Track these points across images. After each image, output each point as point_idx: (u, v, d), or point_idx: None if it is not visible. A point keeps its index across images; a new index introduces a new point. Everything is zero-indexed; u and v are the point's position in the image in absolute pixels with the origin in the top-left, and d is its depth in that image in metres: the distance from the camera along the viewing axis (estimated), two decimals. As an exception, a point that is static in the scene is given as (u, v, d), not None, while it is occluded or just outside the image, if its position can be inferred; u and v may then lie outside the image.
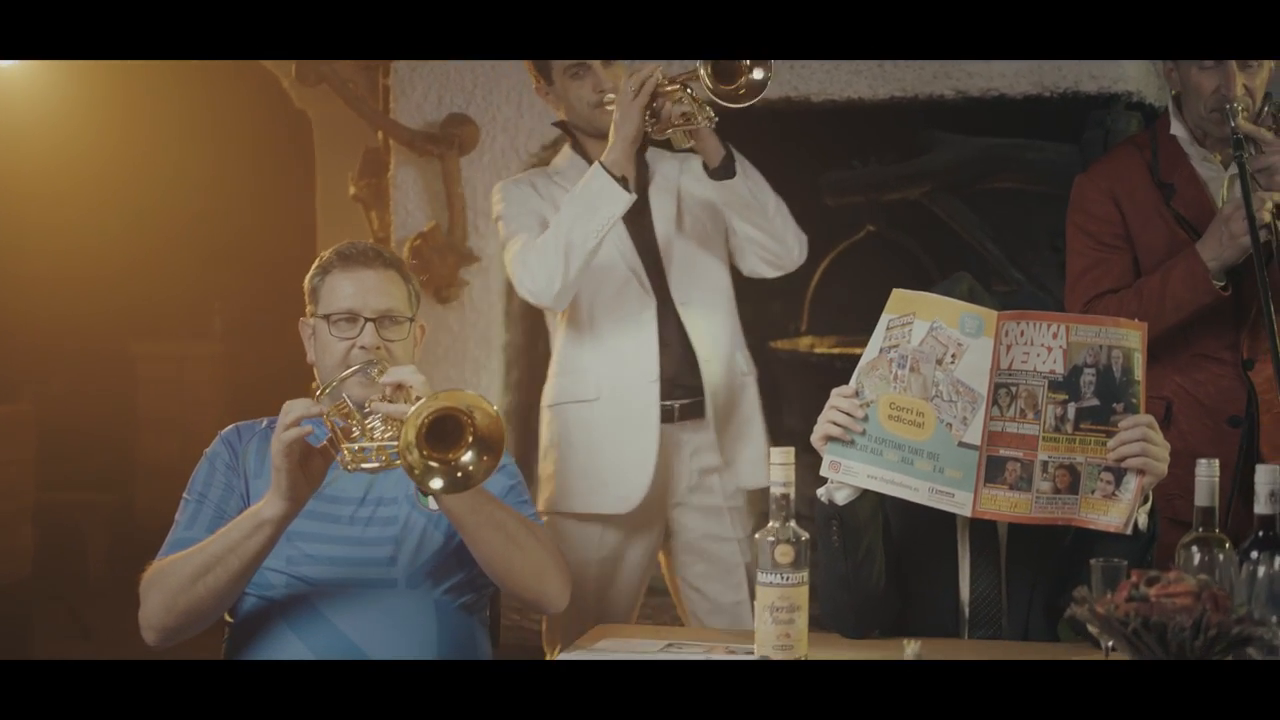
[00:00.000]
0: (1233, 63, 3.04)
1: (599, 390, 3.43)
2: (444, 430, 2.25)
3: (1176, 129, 3.24)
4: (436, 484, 2.26)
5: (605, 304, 3.41)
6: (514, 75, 4.69)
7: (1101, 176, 3.31)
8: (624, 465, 3.40)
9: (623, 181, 3.22)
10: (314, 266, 2.72)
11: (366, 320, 2.60)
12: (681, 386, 3.41)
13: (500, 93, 4.77)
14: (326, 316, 2.63)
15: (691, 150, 3.36)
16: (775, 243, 3.40)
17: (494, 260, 4.78)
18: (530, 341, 5.04)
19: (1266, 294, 2.93)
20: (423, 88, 4.81)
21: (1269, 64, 3.11)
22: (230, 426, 2.74)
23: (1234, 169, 3.01)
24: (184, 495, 2.66)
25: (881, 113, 4.51)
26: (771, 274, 3.52)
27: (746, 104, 3.20)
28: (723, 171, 3.28)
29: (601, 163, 3.23)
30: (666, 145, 3.44)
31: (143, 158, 6.81)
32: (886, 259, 5.07)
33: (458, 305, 4.81)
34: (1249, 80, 3.06)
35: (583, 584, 3.36)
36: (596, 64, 3.34)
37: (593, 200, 3.24)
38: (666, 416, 3.39)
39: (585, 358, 3.45)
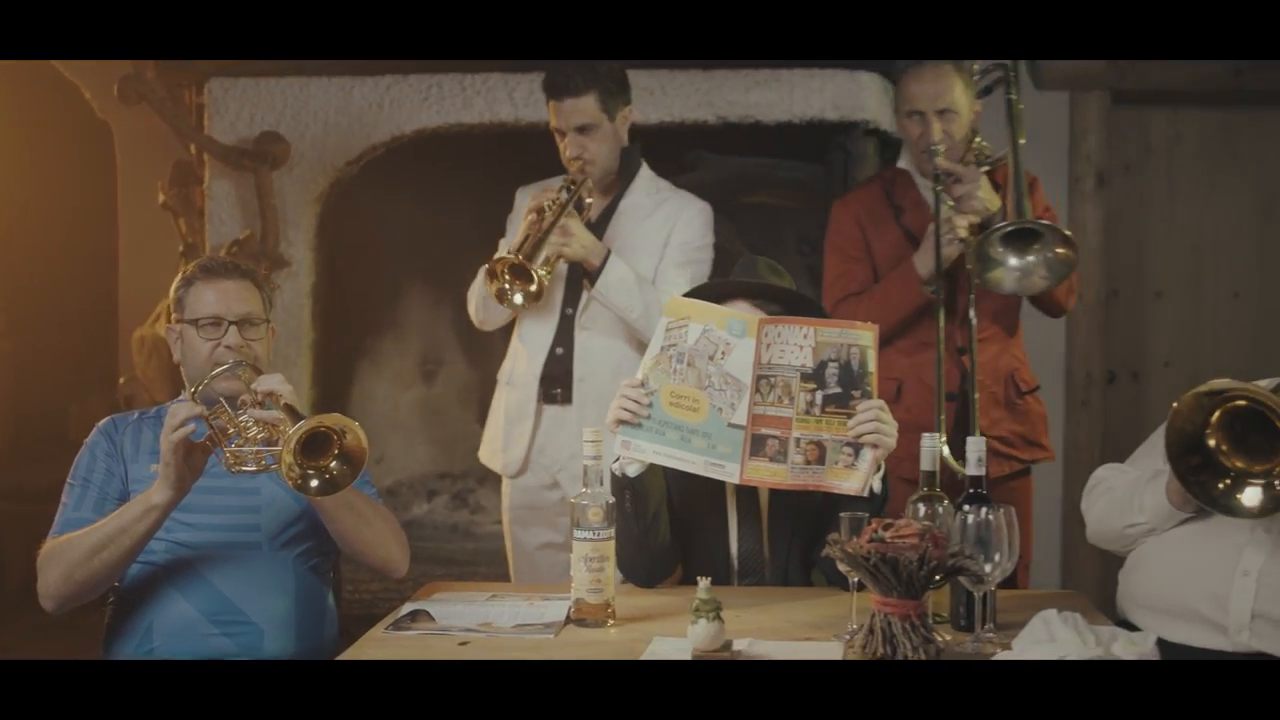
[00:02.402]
0: (931, 114, 3.71)
1: (509, 376, 3.98)
2: (315, 443, 2.64)
3: (904, 162, 3.93)
4: (314, 485, 2.65)
5: (534, 311, 3.87)
6: (321, 96, 4.97)
7: (850, 203, 3.99)
8: (511, 438, 3.94)
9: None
10: (177, 279, 3.03)
11: (230, 323, 2.95)
12: (564, 388, 3.89)
13: (309, 112, 4.98)
14: (194, 321, 2.96)
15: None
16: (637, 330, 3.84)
17: (302, 265, 5.07)
18: (333, 339, 5.32)
19: (940, 290, 3.64)
20: (236, 107, 4.98)
21: (967, 113, 3.77)
22: (106, 419, 3.06)
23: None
24: (69, 481, 2.97)
25: (652, 135, 4.72)
26: None
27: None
28: (589, 279, 3.76)
29: (510, 249, 3.71)
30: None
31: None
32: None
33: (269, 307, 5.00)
34: (947, 126, 3.73)
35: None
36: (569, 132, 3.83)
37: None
38: (551, 400, 3.89)
39: (513, 348, 3.99)
